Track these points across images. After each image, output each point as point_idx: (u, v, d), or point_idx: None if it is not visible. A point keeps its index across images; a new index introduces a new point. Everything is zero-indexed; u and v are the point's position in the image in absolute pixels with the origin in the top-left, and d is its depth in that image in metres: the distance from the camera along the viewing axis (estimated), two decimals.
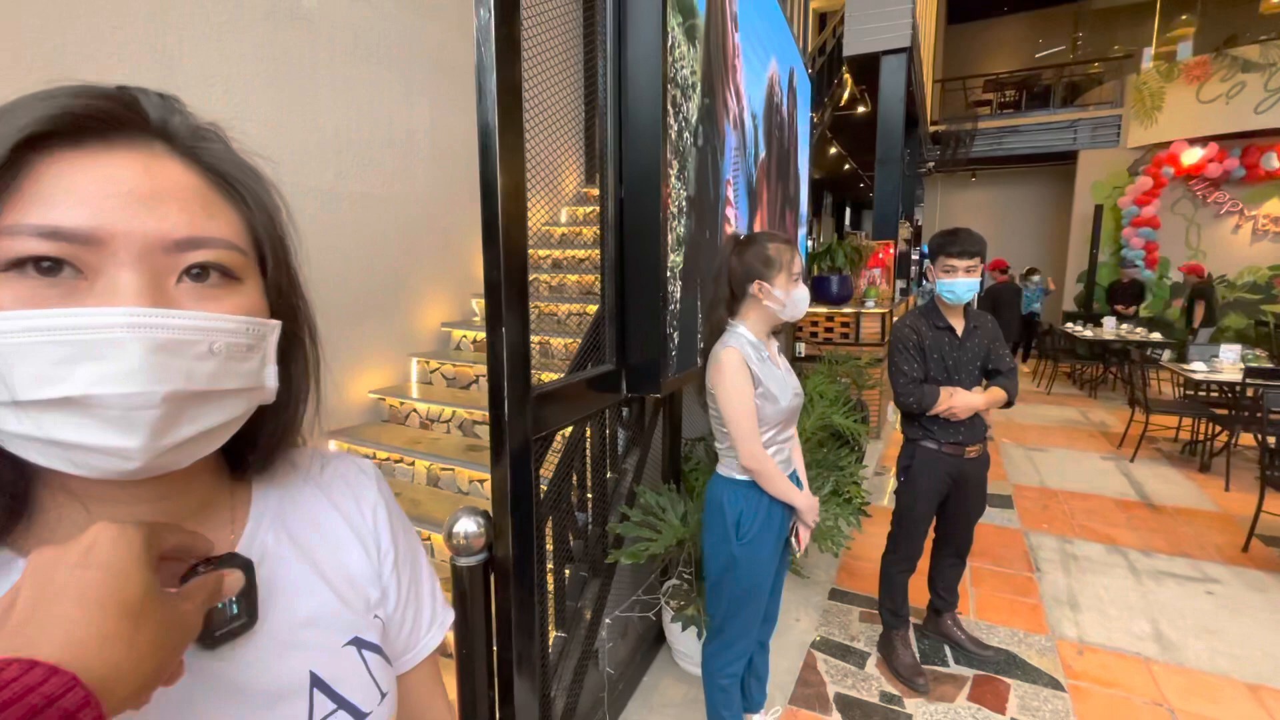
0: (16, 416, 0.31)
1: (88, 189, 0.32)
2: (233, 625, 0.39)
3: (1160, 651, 2.32)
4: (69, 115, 0.32)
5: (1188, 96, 8.32)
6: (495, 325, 1.23)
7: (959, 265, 1.98)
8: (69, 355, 0.30)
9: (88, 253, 0.32)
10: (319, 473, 0.51)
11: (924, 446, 2.10)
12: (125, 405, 0.31)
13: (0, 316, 0.30)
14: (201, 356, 0.34)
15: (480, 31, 1.15)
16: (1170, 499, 3.84)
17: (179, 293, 0.35)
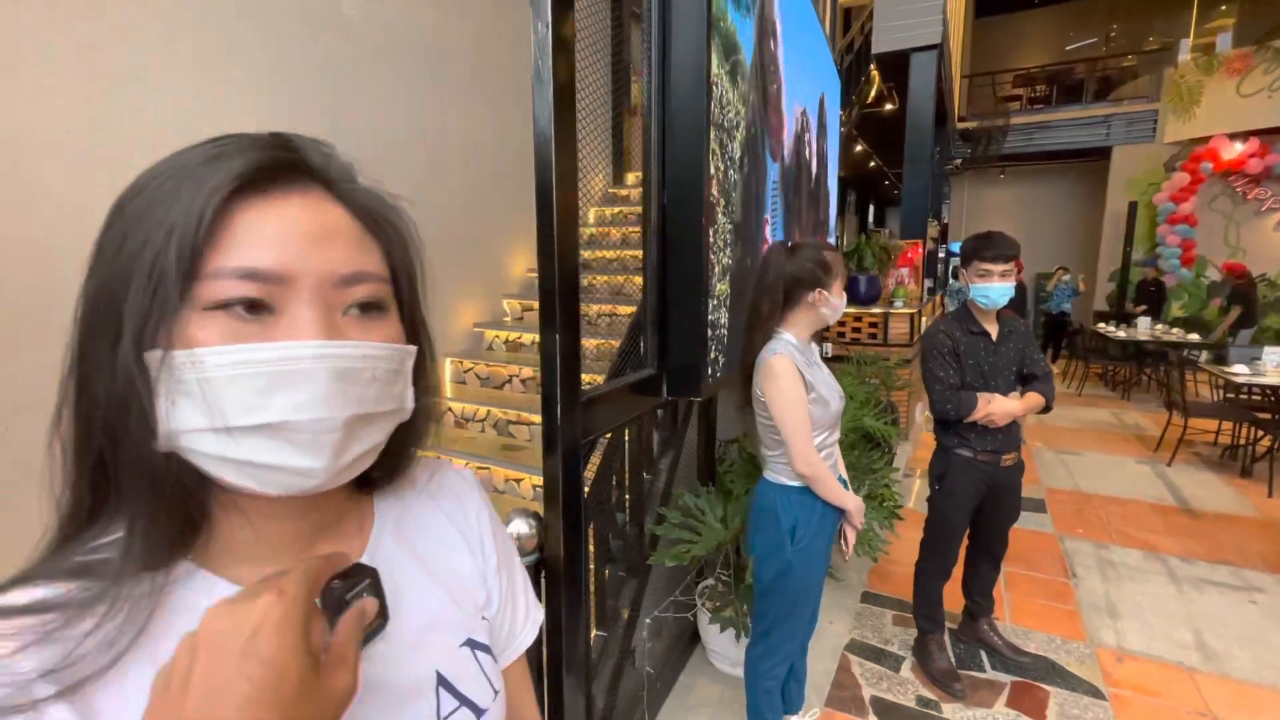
0: (220, 440, 0.34)
1: (275, 233, 0.36)
2: (373, 628, 0.43)
3: (1203, 661, 2.28)
4: (262, 169, 0.36)
5: (1228, 90, 8.09)
6: (549, 330, 1.26)
7: (994, 270, 1.95)
8: (268, 385, 0.34)
9: (276, 290, 0.35)
10: (427, 482, 0.54)
11: (959, 455, 2.07)
12: (315, 429, 0.35)
13: (216, 351, 0.33)
14: (367, 382, 0.38)
15: (538, 45, 1.18)
16: (1210, 505, 3.76)
17: (345, 325, 0.38)
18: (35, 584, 0.34)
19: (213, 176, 0.34)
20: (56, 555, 0.36)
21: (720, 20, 1.72)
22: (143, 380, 0.33)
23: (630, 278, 3.75)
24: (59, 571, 0.34)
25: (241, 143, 0.37)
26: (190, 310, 0.34)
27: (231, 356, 0.33)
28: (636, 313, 1.91)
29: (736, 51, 1.88)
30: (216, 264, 0.34)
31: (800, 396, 1.50)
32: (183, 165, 0.35)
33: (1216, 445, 4.77)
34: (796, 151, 2.77)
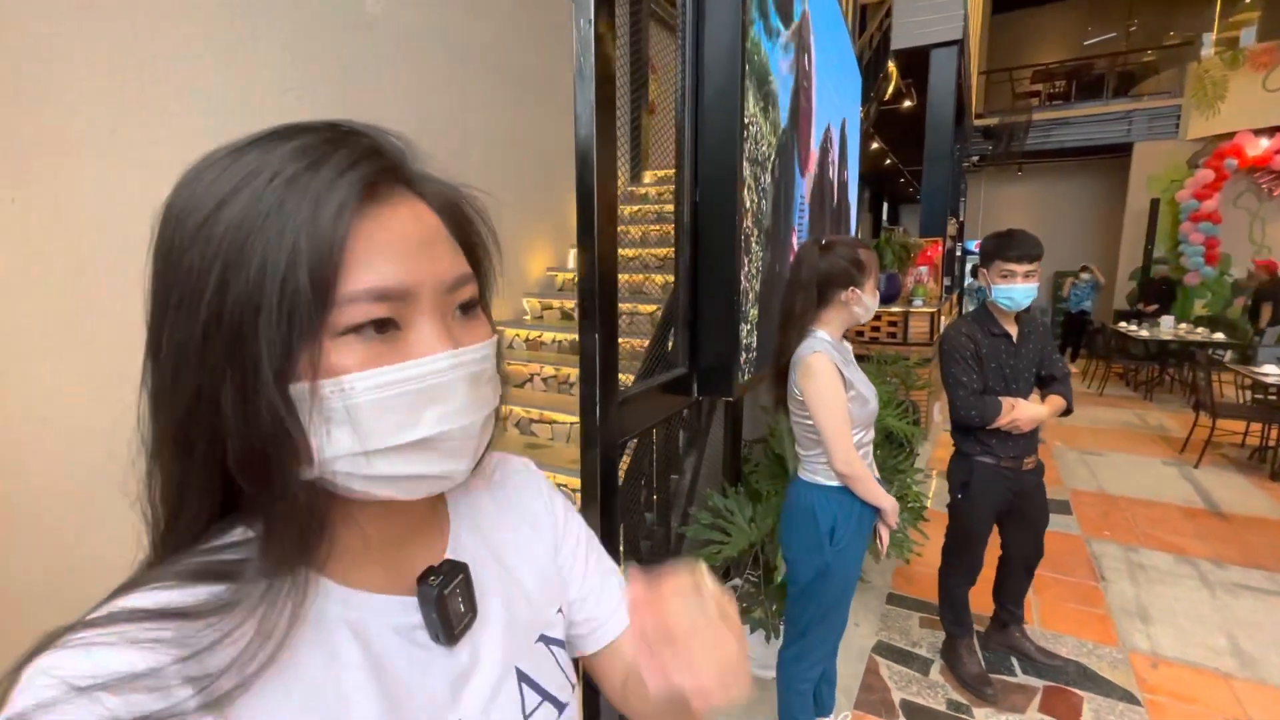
0: (373, 461, 0.34)
1: (394, 249, 0.35)
2: (466, 621, 0.42)
3: (1240, 667, 2.24)
4: (368, 178, 0.34)
5: (1253, 85, 7.94)
6: (589, 329, 1.25)
7: (1018, 270, 1.88)
8: (416, 402, 0.35)
9: (402, 307, 0.35)
10: (493, 474, 0.54)
11: (982, 462, 2.02)
12: (463, 436, 0.37)
13: (363, 377, 0.33)
14: (487, 382, 0.39)
15: (580, 41, 1.17)
16: (1240, 508, 3.69)
17: (457, 329, 0.38)
18: (158, 587, 0.33)
19: (329, 191, 0.32)
20: (172, 558, 0.35)
21: (754, 53, 1.70)
22: (289, 414, 0.32)
23: (650, 276, 3.74)
24: (183, 574, 0.34)
25: (329, 142, 0.34)
26: (325, 337, 0.33)
27: (378, 379, 0.33)
28: (665, 311, 1.90)
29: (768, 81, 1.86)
30: (349, 288, 0.33)
31: (839, 394, 1.48)
32: (272, 173, 0.32)
33: (1244, 447, 4.69)
34: (822, 164, 2.74)
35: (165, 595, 0.32)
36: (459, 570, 0.43)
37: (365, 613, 0.39)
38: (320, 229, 0.32)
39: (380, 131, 0.38)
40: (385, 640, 0.39)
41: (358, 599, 0.39)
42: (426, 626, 0.41)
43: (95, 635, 0.30)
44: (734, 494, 2.08)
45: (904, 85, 6.53)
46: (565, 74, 1.19)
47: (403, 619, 0.40)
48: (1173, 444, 4.97)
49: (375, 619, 0.39)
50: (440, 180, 0.41)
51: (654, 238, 4.08)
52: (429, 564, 0.44)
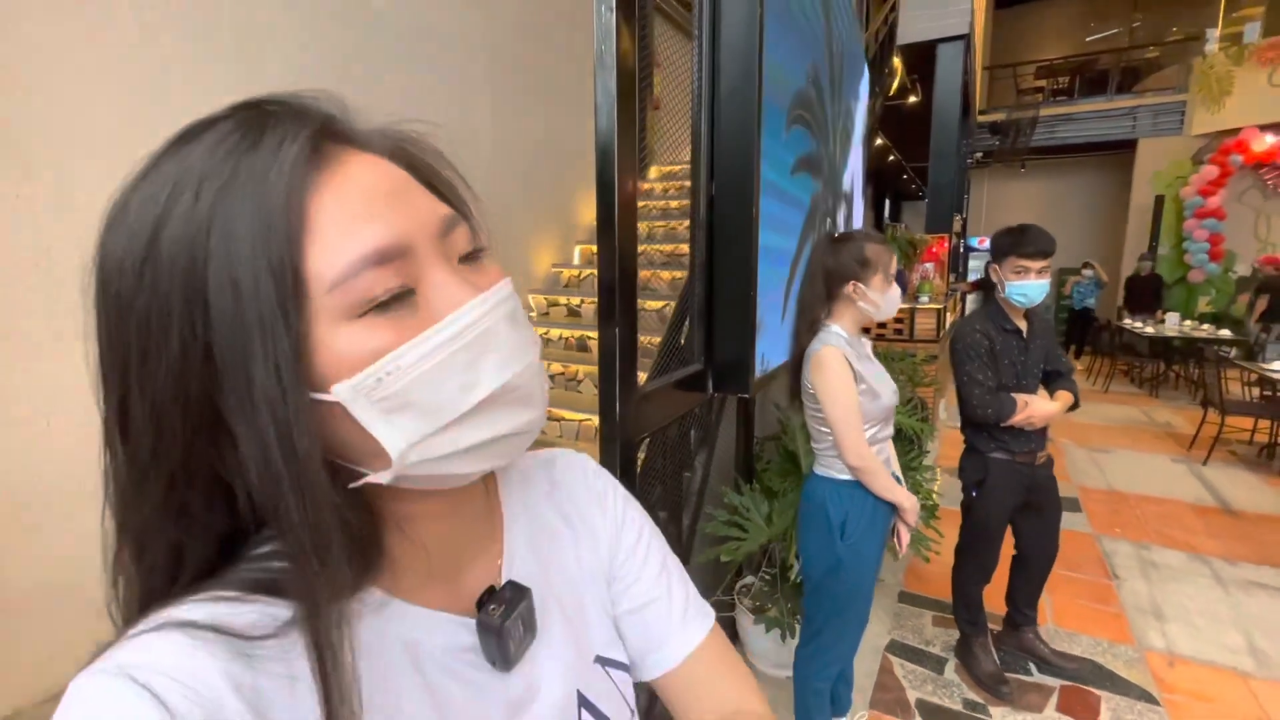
0: (454, 434, 0.31)
1: (368, 203, 0.30)
2: (525, 645, 0.40)
3: (1257, 666, 2.22)
4: (309, 147, 0.30)
5: (1259, 81, 7.91)
6: (609, 324, 1.22)
7: (1031, 266, 1.87)
8: (470, 359, 0.31)
9: (408, 265, 0.31)
10: (549, 480, 0.50)
11: (996, 459, 2.01)
12: (527, 380, 0.34)
13: (401, 353, 0.29)
14: (524, 321, 0.36)
15: (601, 30, 1.14)
16: (1251, 505, 3.67)
17: (466, 274, 0.34)
18: (210, 596, 0.30)
19: (269, 173, 0.28)
20: (226, 570, 0.32)
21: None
22: (340, 421, 0.29)
23: (656, 272, 3.72)
24: (225, 584, 0.31)
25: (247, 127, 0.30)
26: (340, 325, 0.29)
27: (424, 347, 0.30)
28: (679, 305, 1.87)
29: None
30: (341, 261, 0.29)
31: (849, 388, 1.47)
32: (198, 178, 0.28)
33: (1253, 444, 4.66)
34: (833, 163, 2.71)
35: (219, 609, 0.29)
36: (522, 596, 0.40)
37: (419, 631, 0.36)
38: (273, 214, 0.28)
39: (299, 96, 0.34)
40: (438, 661, 0.36)
41: (413, 615, 0.36)
42: (484, 652, 0.38)
43: (150, 638, 0.27)
44: (749, 491, 2.06)
45: (909, 81, 6.49)
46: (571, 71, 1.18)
47: (456, 639, 0.37)
48: (1180, 441, 4.95)
49: (428, 637, 0.36)
50: (381, 128, 0.36)
51: (660, 234, 4.05)
52: (486, 578, 0.41)
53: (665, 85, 2.25)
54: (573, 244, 4.39)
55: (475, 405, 0.31)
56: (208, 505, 0.31)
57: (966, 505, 2.13)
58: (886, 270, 1.52)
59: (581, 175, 4.24)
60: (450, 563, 0.39)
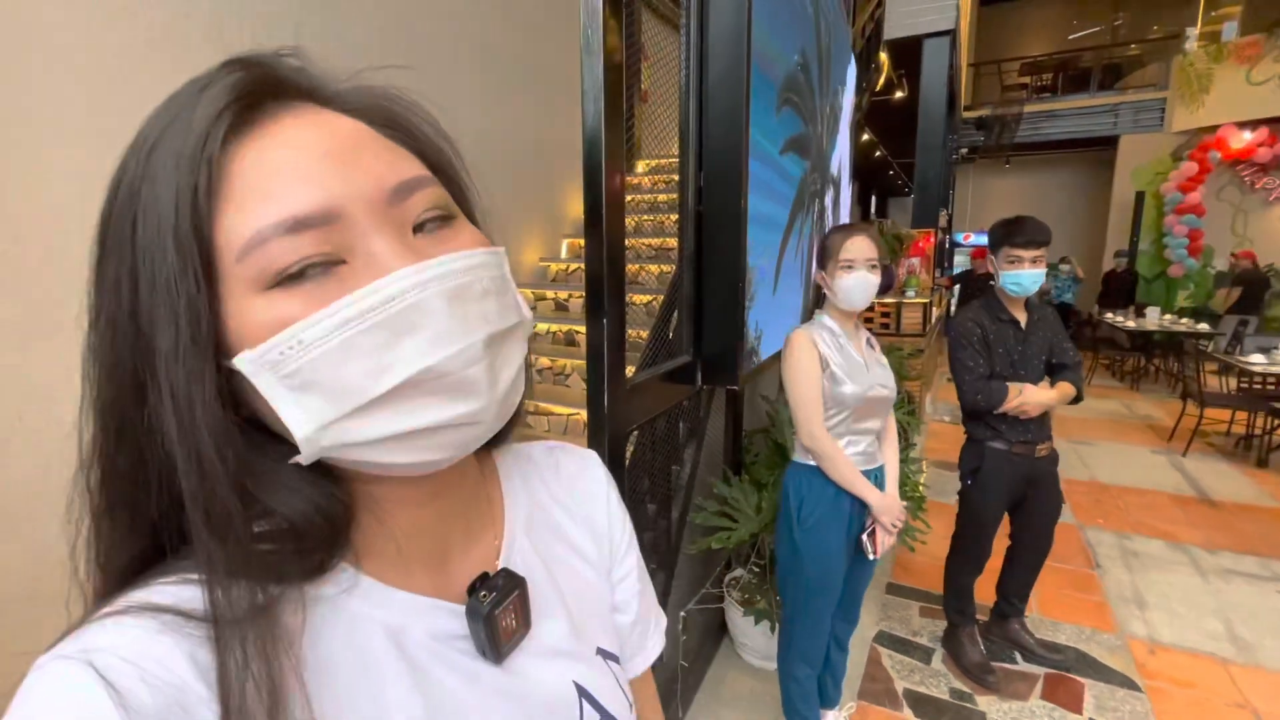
0: (367, 421, 0.28)
1: (293, 165, 0.29)
2: (516, 638, 0.38)
3: (1236, 652, 2.26)
4: (236, 98, 0.29)
5: (1238, 79, 8.03)
6: (596, 317, 1.21)
7: (1025, 256, 1.89)
8: (385, 338, 0.28)
9: (334, 233, 0.28)
10: (554, 469, 0.49)
11: (992, 447, 2.02)
12: (459, 365, 0.29)
13: (303, 326, 0.27)
14: (482, 296, 0.31)
15: (587, 13, 1.12)
16: (1229, 495, 3.74)
17: (421, 245, 0.31)
18: (172, 580, 0.29)
19: (187, 133, 0.27)
20: (185, 551, 0.31)
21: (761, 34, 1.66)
22: (253, 394, 0.28)
23: (644, 266, 3.70)
24: (191, 566, 0.29)
25: (194, 87, 0.29)
26: (250, 294, 0.28)
27: (330, 321, 0.27)
28: (668, 298, 1.86)
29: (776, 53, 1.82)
30: (251, 229, 0.27)
31: (809, 370, 1.49)
32: (144, 143, 0.28)
33: (1230, 435, 4.75)
34: (821, 147, 2.72)
35: (184, 591, 0.28)
36: (515, 585, 0.38)
37: (404, 616, 0.35)
38: (186, 172, 0.27)
39: (276, 52, 0.32)
40: (426, 647, 0.35)
41: (396, 599, 0.35)
42: (474, 641, 0.36)
43: (114, 620, 0.27)
44: (738, 483, 2.06)
45: (896, 76, 6.52)
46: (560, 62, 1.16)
47: (445, 626, 0.36)
48: (1160, 433, 5.03)
49: (414, 622, 0.35)
50: (361, 87, 0.34)
51: (648, 227, 4.03)
52: (480, 564, 0.39)
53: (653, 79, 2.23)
54: (560, 238, 4.36)
55: (389, 390, 0.28)
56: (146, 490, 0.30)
57: (962, 494, 2.15)
58: (838, 257, 1.49)
59: (569, 168, 4.21)
60: (436, 549, 0.38)
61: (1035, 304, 2.04)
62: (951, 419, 5.54)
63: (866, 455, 1.58)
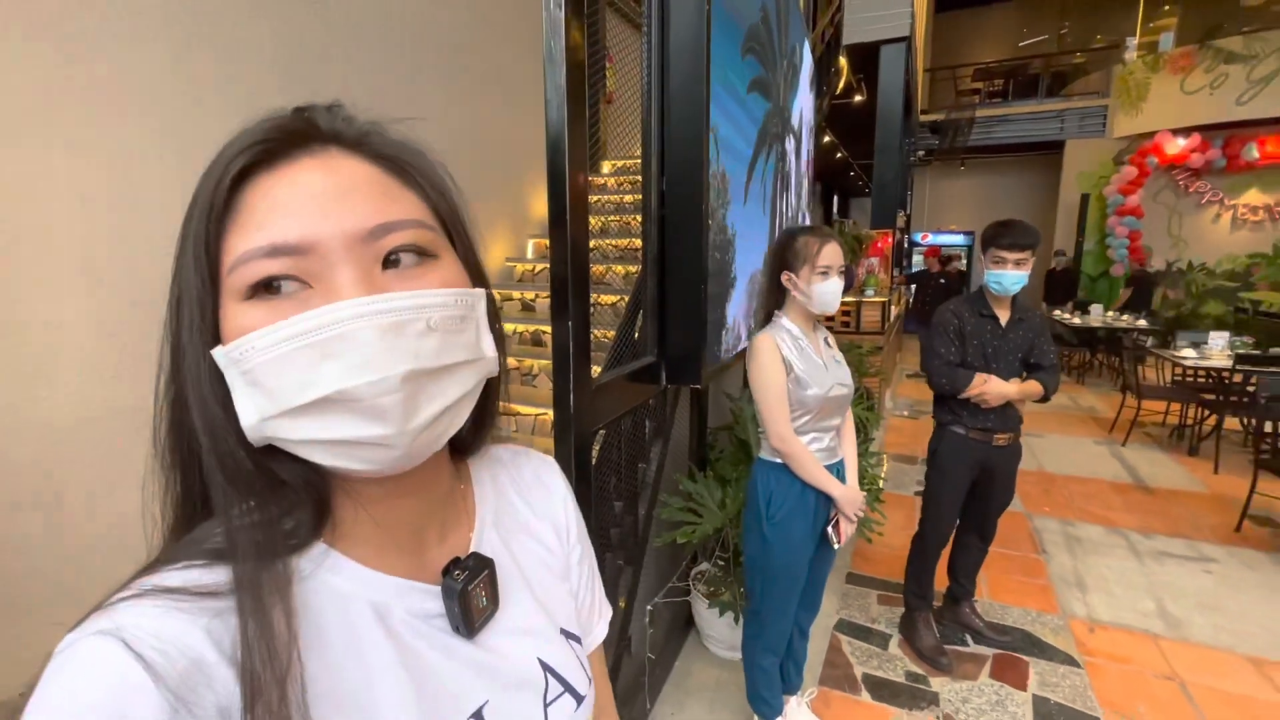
0: (294, 423, 0.33)
1: (289, 202, 0.34)
2: (487, 615, 0.42)
3: (1166, 628, 2.42)
4: (259, 144, 0.35)
5: (1172, 87, 8.48)
6: (562, 318, 1.24)
7: (1009, 258, 1.98)
8: (315, 357, 0.32)
9: (305, 261, 0.33)
10: (518, 470, 0.53)
11: (952, 431, 2.14)
12: (372, 393, 0.32)
13: (261, 334, 0.33)
14: (422, 334, 0.34)
15: (550, 25, 1.15)
16: (1163, 482, 3.98)
17: (386, 279, 0.35)
18: (182, 565, 0.33)
19: (217, 164, 0.34)
20: (192, 538, 0.35)
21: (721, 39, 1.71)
22: (215, 380, 0.34)
23: (611, 267, 3.73)
24: (200, 553, 0.34)
25: (252, 123, 0.36)
26: (234, 302, 0.34)
27: (274, 335, 0.32)
28: (633, 299, 1.90)
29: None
30: (244, 248, 0.33)
31: (775, 375, 1.54)
32: (209, 167, 0.35)
33: (1165, 426, 5.03)
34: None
35: (192, 574, 0.33)
36: (484, 566, 0.43)
37: (387, 595, 0.39)
38: (210, 198, 0.34)
39: (328, 105, 0.39)
40: (408, 623, 0.39)
41: (378, 580, 0.39)
42: (448, 617, 0.41)
43: (133, 603, 0.30)
44: (703, 479, 2.11)
45: (855, 80, 6.69)
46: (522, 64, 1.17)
47: (424, 605, 0.40)
48: (1103, 424, 5.30)
49: (397, 601, 0.39)
50: (386, 137, 0.39)
51: (614, 228, 4.06)
52: (453, 552, 0.43)
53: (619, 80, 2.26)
54: (526, 237, 4.36)
55: (309, 402, 0.32)
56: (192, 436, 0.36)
57: (926, 476, 2.25)
58: (813, 262, 1.53)
59: (535, 168, 4.20)
60: (413, 539, 0.42)
61: (1023, 305, 2.12)
62: (910, 413, 5.73)
63: (828, 450, 1.64)
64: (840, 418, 1.66)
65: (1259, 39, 7.86)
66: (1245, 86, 7.90)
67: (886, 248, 5.80)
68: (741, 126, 2.11)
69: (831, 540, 1.63)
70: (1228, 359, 4.45)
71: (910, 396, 6.36)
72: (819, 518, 1.63)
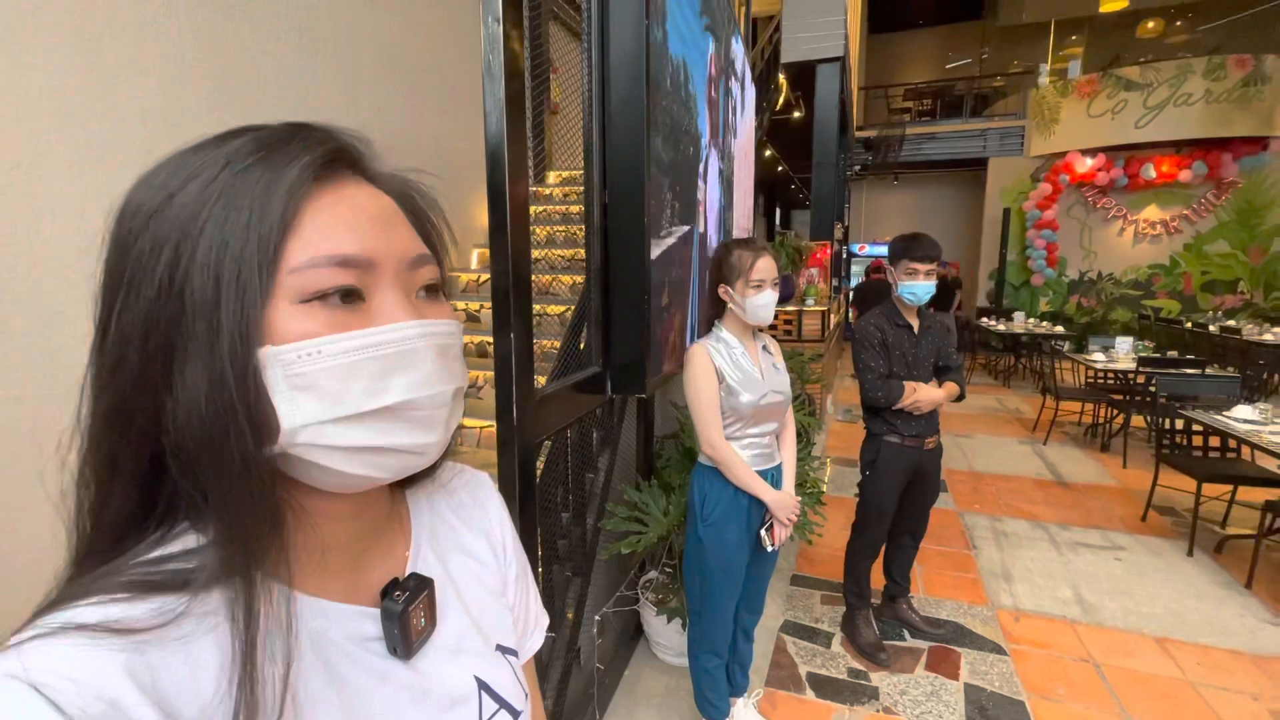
0: (341, 430, 0.34)
1: (352, 220, 0.36)
2: (425, 635, 0.42)
3: (1082, 614, 2.59)
4: (325, 161, 0.36)
5: (1080, 111, 9.17)
6: (504, 330, 1.24)
7: (920, 269, 2.10)
8: (385, 368, 0.35)
9: (366, 276, 0.35)
10: (452, 487, 0.53)
11: (888, 441, 2.22)
12: (431, 405, 0.36)
13: (331, 340, 0.33)
14: (456, 358, 0.40)
15: (488, 40, 1.16)
16: (1079, 477, 4.26)
17: (423, 305, 0.39)
18: (97, 599, 0.30)
19: (282, 171, 0.34)
20: (109, 569, 0.33)
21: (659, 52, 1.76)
22: (255, 381, 0.32)
23: (557, 277, 3.73)
24: (120, 586, 0.31)
25: (288, 133, 0.36)
26: (288, 304, 0.33)
27: (347, 344, 0.33)
28: (578, 310, 1.91)
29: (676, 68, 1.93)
30: (310, 254, 0.34)
31: (706, 385, 1.58)
32: (225, 162, 0.34)
33: (1081, 425, 5.40)
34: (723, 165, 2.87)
35: (112, 610, 0.30)
36: (425, 586, 0.43)
37: (321, 621, 0.38)
38: (273, 201, 0.33)
39: (337, 128, 0.40)
40: (341, 649, 0.38)
41: (314, 606, 0.38)
42: (386, 639, 0.40)
43: (43, 642, 0.28)
44: (648, 487, 2.13)
45: (794, 97, 6.94)
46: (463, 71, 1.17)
47: (359, 629, 0.40)
48: (1026, 425, 5.64)
49: (331, 626, 0.38)
50: (394, 172, 0.42)
51: (560, 238, 4.06)
52: (390, 574, 0.43)
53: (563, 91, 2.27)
54: (470, 247, 4.30)
55: (375, 409, 0.34)
56: (142, 443, 0.34)
57: (862, 484, 2.33)
58: (747, 275, 1.57)
59: (478, 178, 4.16)
60: (351, 560, 0.41)
61: (926, 313, 2.26)
62: (847, 418, 5.93)
63: (765, 455, 1.69)
64: (776, 423, 1.71)
65: (1153, 68, 8.61)
66: (1142, 111, 8.63)
67: (826, 258, 6.01)
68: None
69: (765, 544, 1.66)
70: (1132, 362, 4.82)
71: (848, 402, 6.58)
72: (753, 521, 1.67)
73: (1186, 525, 3.33)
